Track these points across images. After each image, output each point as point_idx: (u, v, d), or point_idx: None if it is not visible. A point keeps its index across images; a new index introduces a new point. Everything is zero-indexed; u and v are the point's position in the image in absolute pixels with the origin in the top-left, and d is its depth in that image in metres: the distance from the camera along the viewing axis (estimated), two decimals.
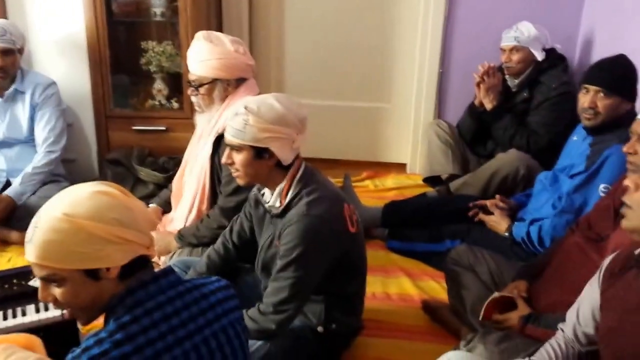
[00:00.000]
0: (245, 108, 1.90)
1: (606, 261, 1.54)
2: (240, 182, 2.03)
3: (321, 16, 3.91)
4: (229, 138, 1.95)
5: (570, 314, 1.63)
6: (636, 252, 1.41)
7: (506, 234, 2.69)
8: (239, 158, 1.96)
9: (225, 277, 2.20)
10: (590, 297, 1.55)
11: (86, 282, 1.25)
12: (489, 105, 3.21)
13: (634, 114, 2.31)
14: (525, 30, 3.16)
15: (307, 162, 2.07)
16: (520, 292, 2.11)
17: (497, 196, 2.89)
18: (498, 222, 2.76)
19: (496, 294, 2.09)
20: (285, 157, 1.96)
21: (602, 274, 1.53)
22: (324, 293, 2.08)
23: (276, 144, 1.92)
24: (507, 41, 3.21)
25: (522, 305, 2.04)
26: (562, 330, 1.65)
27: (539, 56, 3.17)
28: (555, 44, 3.27)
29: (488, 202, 2.87)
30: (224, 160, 2.01)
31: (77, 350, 1.20)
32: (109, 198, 1.26)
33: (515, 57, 3.20)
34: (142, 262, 1.30)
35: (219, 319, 1.35)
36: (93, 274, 1.25)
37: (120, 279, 1.27)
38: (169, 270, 1.34)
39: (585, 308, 1.57)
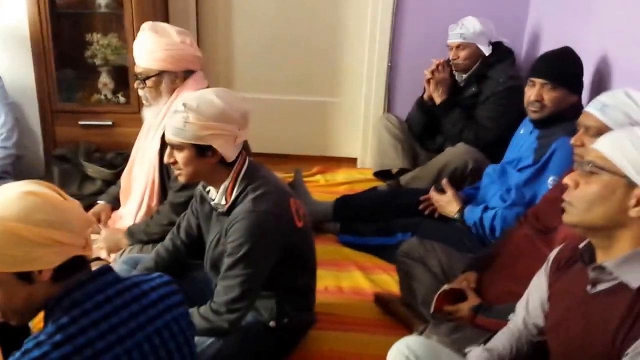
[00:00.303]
0: (184, 105, 1.85)
1: (553, 253, 1.55)
2: (183, 180, 1.98)
3: (270, 9, 3.88)
4: (169, 137, 1.90)
5: (520, 306, 1.64)
6: (580, 246, 1.42)
7: (456, 215, 2.70)
8: (180, 157, 1.91)
9: (175, 274, 2.20)
10: (538, 289, 1.57)
11: (19, 285, 1.22)
12: (438, 100, 3.24)
13: (580, 107, 2.35)
14: (470, 26, 3.18)
15: (252, 157, 2.04)
16: (470, 284, 2.13)
17: (444, 181, 2.88)
18: (449, 202, 2.75)
19: (446, 287, 2.11)
20: (229, 154, 1.92)
21: (549, 266, 1.55)
22: (274, 288, 2.06)
23: (218, 141, 1.88)
24: (453, 38, 3.23)
25: (472, 296, 2.06)
26: (513, 321, 1.66)
27: (486, 51, 3.20)
28: (502, 37, 3.30)
29: (442, 181, 2.88)
30: (165, 159, 1.97)
31: (17, 354, 1.18)
32: (38, 199, 1.22)
33: (462, 53, 3.22)
34: (78, 263, 1.27)
35: (162, 315, 1.34)
36: (25, 277, 1.22)
37: (55, 281, 1.24)
38: (106, 269, 1.32)
39: (533, 300, 1.59)
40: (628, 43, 2.40)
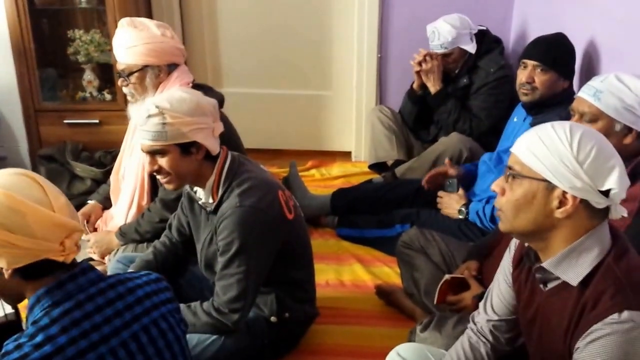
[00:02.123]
0: (157, 107, 1.79)
1: (512, 244, 1.53)
2: (171, 186, 1.93)
3: (255, 2, 3.82)
4: (148, 143, 1.83)
5: (486, 304, 1.60)
6: (526, 244, 1.41)
7: (461, 208, 2.67)
8: (165, 161, 1.85)
9: (174, 267, 2.16)
10: (505, 278, 1.54)
11: None
12: (433, 89, 3.20)
13: (572, 92, 2.36)
14: (446, 34, 3.11)
15: (245, 154, 2.01)
16: (472, 272, 2.13)
17: (447, 160, 2.88)
18: (458, 200, 2.72)
19: (447, 276, 2.11)
20: (213, 146, 1.89)
21: (511, 254, 1.52)
22: (272, 283, 2.04)
23: (201, 135, 1.84)
24: (435, 49, 3.18)
25: (475, 285, 2.07)
26: (475, 323, 1.62)
27: (471, 49, 3.15)
28: (484, 24, 3.26)
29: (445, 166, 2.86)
30: (148, 169, 1.91)
31: None
32: (2, 199, 1.20)
33: (449, 58, 3.18)
34: (47, 266, 1.24)
35: (149, 312, 1.33)
36: None
37: (24, 279, 1.24)
38: (87, 267, 1.30)
39: (502, 293, 1.55)
40: (614, 25, 2.41)
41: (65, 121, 3.36)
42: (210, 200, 1.94)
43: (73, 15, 3.47)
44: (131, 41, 2.40)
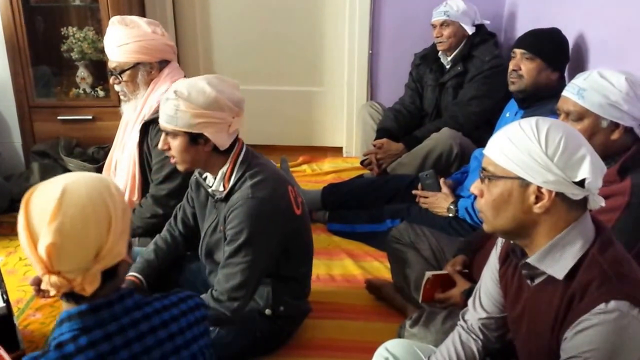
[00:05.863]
0: (175, 93, 1.83)
1: (499, 242, 1.53)
2: (180, 168, 1.96)
3: None
4: (162, 124, 1.89)
5: (475, 302, 1.61)
6: (512, 241, 1.42)
7: (450, 206, 2.70)
8: (174, 144, 1.89)
9: (169, 265, 2.17)
10: (493, 278, 1.54)
11: None
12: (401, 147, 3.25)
13: (564, 86, 2.37)
14: (454, 5, 3.18)
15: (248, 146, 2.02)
16: (456, 268, 2.13)
17: (441, 180, 2.90)
18: (446, 197, 2.74)
19: (428, 274, 2.11)
20: (222, 142, 1.89)
21: (498, 251, 1.53)
22: (271, 276, 2.05)
23: (210, 130, 1.85)
24: (437, 16, 3.22)
25: (460, 280, 2.07)
26: (465, 321, 1.63)
27: (469, 30, 3.18)
28: (484, 20, 3.29)
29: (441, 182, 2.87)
30: (160, 145, 1.94)
31: None
32: None
33: (446, 31, 3.20)
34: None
35: (188, 345, 1.25)
36: None
37: None
38: (125, 294, 1.20)
39: (489, 292, 1.56)
40: (606, 21, 2.42)
41: (59, 117, 3.37)
42: (221, 188, 1.95)
43: (67, 12, 3.48)
44: (122, 39, 2.41)
